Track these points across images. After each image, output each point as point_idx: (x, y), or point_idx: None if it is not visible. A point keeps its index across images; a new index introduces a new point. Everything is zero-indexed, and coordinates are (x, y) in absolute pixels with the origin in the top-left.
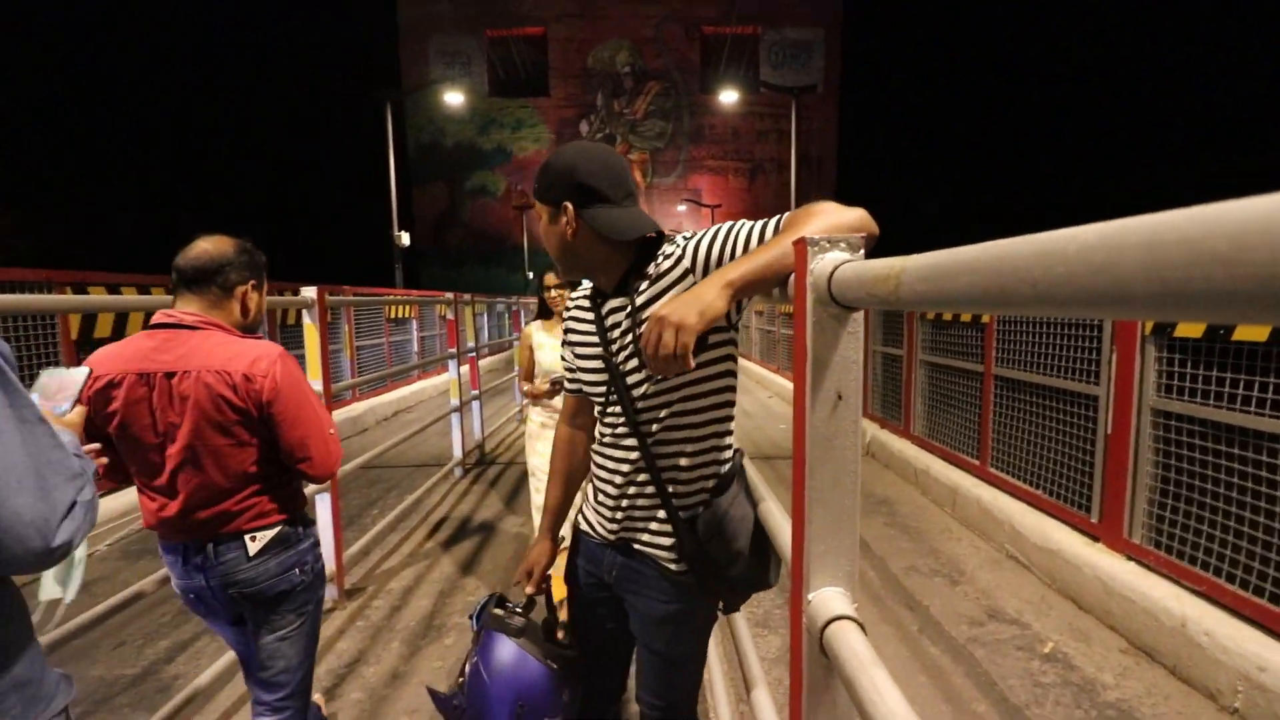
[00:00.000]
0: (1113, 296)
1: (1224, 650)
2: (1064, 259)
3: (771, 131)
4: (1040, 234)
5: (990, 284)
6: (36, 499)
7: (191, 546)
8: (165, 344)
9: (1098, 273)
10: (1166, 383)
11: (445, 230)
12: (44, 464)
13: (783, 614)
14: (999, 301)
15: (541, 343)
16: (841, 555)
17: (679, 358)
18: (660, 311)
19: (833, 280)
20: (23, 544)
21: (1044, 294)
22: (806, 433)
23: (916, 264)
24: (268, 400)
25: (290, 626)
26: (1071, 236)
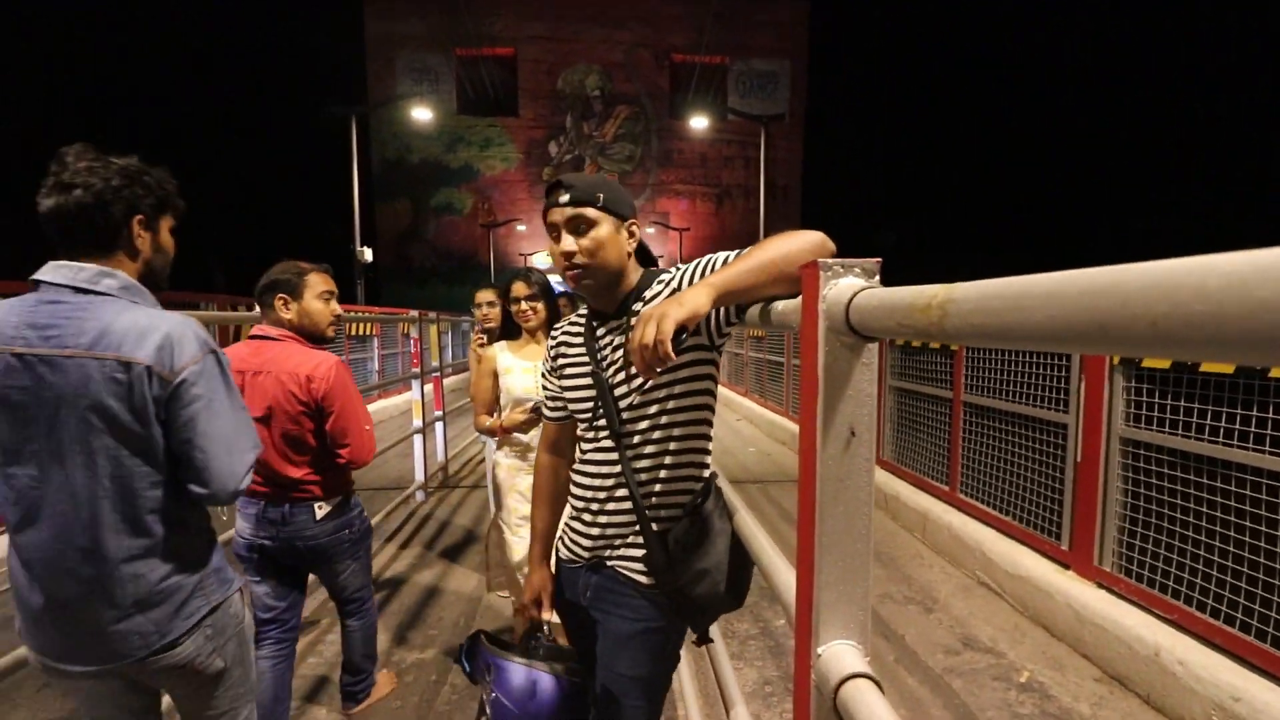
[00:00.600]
0: None
1: (1198, 679)
2: (1202, 294)
3: (739, 158)
4: (1155, 263)
5: (1082, 318)
6: (236, 464)
7: (270, 506)
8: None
9: (1260, 311)
10: (1135, 412)
11: (409, 247)
12: (243, 438)
13: (759, 644)
14: (1096, 340)
15: (509, 366)
16: (854, 605)
17: (659, 346)
18: (644, 311)
19: (851, 308)
20: (225, 491)
21: (1169, 334)
22: (817, 472)
23: (970, 293)
24: (322, 396)
25: (348, 570)
26: (1209, 266)
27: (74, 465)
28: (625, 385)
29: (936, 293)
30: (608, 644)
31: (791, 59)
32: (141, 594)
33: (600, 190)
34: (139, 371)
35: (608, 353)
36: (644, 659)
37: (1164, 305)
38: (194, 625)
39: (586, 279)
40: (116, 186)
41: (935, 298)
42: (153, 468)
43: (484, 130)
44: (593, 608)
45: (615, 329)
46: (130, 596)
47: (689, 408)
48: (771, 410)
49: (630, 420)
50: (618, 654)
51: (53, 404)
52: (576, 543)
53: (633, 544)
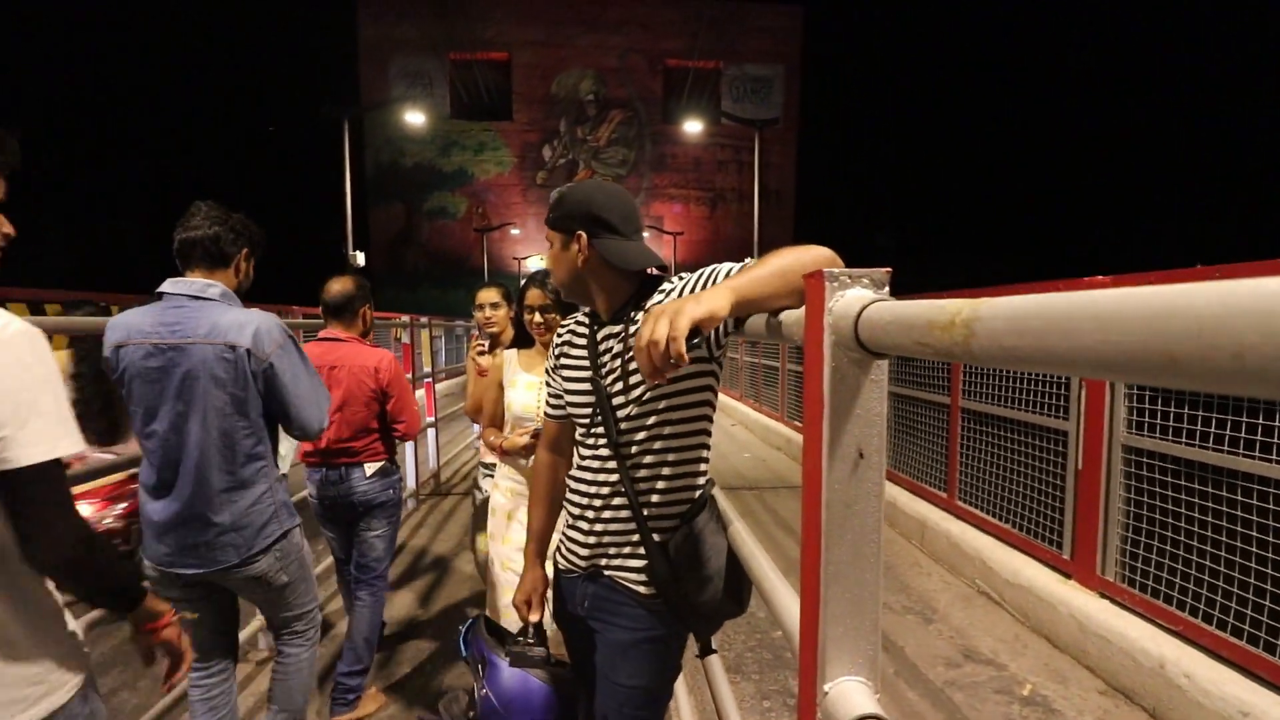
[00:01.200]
0: None
1: (1205, 693)
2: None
3: (732, 162)
4: (1239, 282)
5: (1147, 344)
6: (318, 411)
7: (331, 470)
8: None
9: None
10: (1137, 419)
11: (402, 251)
12: (320, 394)
13: (756, 657)
14: (1164, 371)
15: (515, 380)
16: (862, 639)
17: (671, 344)
18: (657, 307)
19: (860, 321)
20: (314, 430)
21: (1259, 370)
22: (823, 497)
23: (1000, 310)
24: (386, 383)
25: (381, 528)
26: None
27: (195, 422)
28: (623, 396)
29: (960, 308)
30: (607, 654)
31: (785, 63)
32: (234, 517)
33: (554, 208)
34: (241, 353)
35: (607, 360)
36: (644, 669)
37: (1254, 335)
38: (268, 546)
39: (565, 294)
40: (232, 228)
41: (959, 314)
42: (248, 423)
43: (478, 134)
44: (590, 618)
45: (613, 336)
46: (227, 519)
47: (688, 419)
48: (767, 415)
49: (628, 431)
50: (618, 664)
51: (180, 377)
52: (574, 551)
53: (630, 554)
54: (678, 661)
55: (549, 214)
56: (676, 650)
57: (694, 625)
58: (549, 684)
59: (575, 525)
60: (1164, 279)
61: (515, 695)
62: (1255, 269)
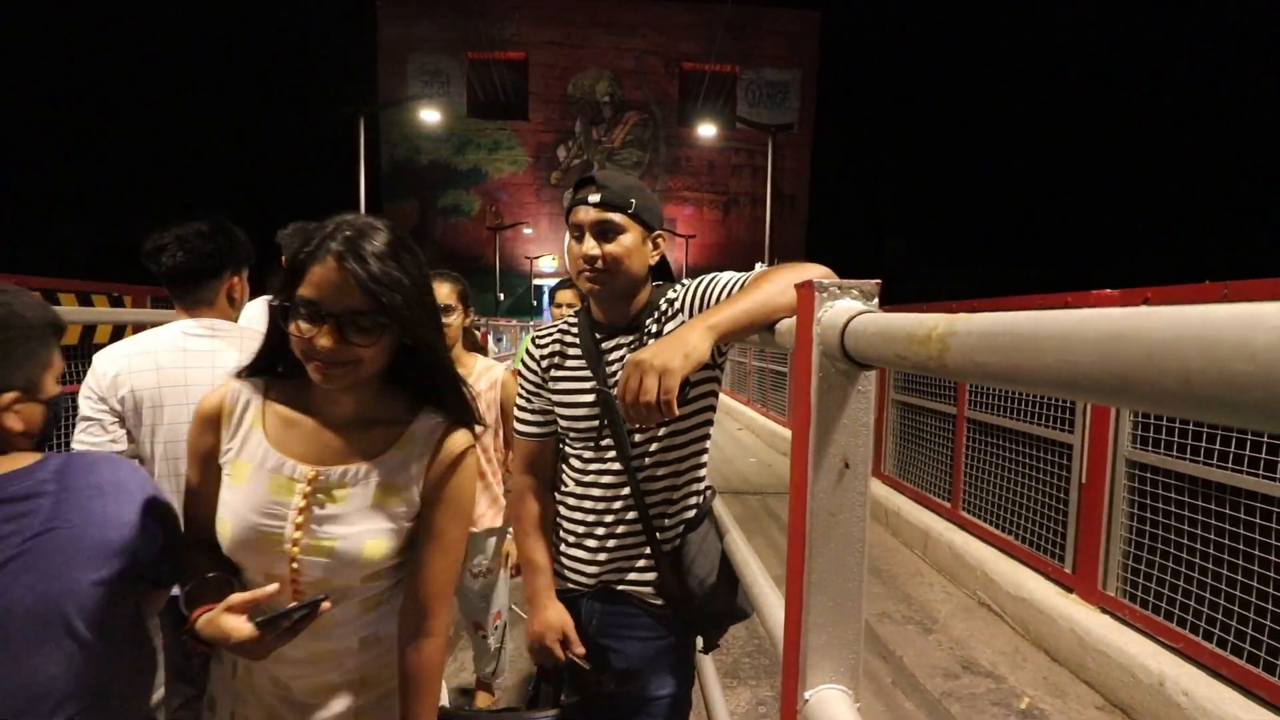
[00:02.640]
0: None
1: (1203, 711)
2: (1245, 352)
3: (746, 166)
4: (1189, 308)
5: (1101, 366)
6: None
7: None
8: None
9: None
10: (1142, 434)
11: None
12: None
13: (753, 662)
14: (1116, 392)
15: None
16: (844, 648)
17: (663, 405)
18: (640, 356)
19: (846, 333)
20: None
21: (1204, 395)
22: (807, 506)
23: (974, 326)
24: None
25: None
26: (1255, 320)
27: None
28: None
29: (937, 323)
30: (629, 670)
31: (801, 69)
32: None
33: (634, 195)
34: None
35: (616, 369)
36: (669, 677)
37: (1198, 360)
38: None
39: (604, 286)
40: None
41: (935, 329)
42: None
43: (493, 133)
44: (601, 636)
45: (625, 345)
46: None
47: (694, 426)
48: (774, 420)
49: (641, 443)
50: (649, 677)
51: None
52: (579, 570)
53: (643, 567)
54: (692, 669)
55: (627, 197)
56: (690, 654)
57: (704, 630)
58: None
59: (579, 544)
60: (1169, 295)
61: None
62: (1252, 287)
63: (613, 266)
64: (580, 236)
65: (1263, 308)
